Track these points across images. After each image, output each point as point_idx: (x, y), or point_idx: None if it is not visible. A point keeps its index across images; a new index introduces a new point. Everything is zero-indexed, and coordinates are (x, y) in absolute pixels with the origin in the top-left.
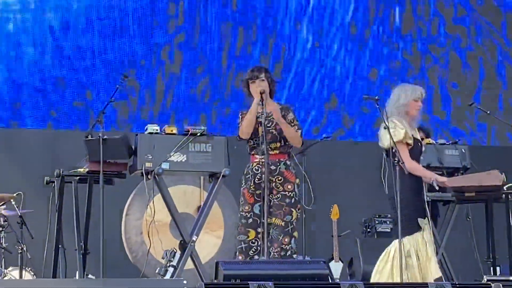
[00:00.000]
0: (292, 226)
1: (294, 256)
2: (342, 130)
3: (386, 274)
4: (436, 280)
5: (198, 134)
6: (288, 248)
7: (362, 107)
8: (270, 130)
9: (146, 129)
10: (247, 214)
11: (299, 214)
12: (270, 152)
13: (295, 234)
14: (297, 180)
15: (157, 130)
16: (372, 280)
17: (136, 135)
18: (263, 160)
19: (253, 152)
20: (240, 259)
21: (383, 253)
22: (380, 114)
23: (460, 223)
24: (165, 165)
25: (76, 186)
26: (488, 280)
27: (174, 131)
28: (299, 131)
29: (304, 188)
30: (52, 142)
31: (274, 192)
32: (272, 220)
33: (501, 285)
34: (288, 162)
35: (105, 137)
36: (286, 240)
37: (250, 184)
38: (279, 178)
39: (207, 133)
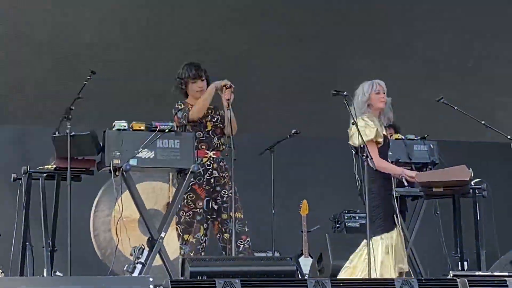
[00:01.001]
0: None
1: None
2: (311, 125)
3: (362, 272)
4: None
5: (166, 130)
6: (249, 239)
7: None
8: (219, 126)
9: (114, 125)
10: (200, 210)
11: None
12: (219, 149)
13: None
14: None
15: (124, 126)
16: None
17: (104, 131)
18: (214, 156)
19: (201, 146)
20: None
21: (359, 251)
22: (348, 110)
23: (429, 218)
24: (133, 162)
25: (43, 183)
26: (454, 275)
27: (142, 128)
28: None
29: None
30: (21, 139)
31: (227, 187)
32: (230, 214)
33: (466, 280)
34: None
35: (72, 133)
36: (247, 231)
37: (202, 180)
38: (227, 174)
39: (175, 129)
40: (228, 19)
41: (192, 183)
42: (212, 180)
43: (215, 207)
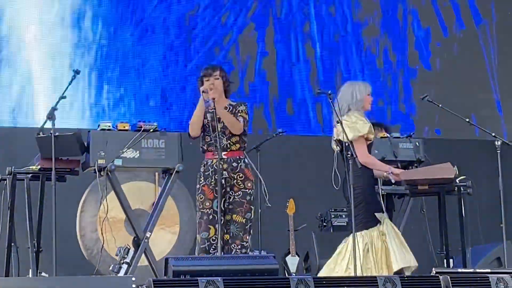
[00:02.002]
0: (251, 223)
1: (250, 253)
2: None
3: (342, 271)
4: (396, 272)
5: (151, 130)
6: (247, 245)
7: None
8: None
9: (99, 125)
10: (208, 210)
11: (254, 212)
12: (232, 149)
13: (252, 231)
14: (253, 179)
15: (109, 126)
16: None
17: (89, 131)
18: (224, 157)
19: (210, 149)
20: None
21: (338, 251)
22: (333, 108)
23: (415, 216)
24: (118, 162)
25: (28, 183)
26: (436, 273)
27: (127, 128)
28: (240, 118)
29: (260, 186)
30: (5, 139)
31: (235, 189)
32: (233, 216)
33: (449, 277)
34: (246, 160)
35: (56, 134)
36: (246, 237)
37: (210, 181)
38: (240, 175)
39: (159, 129)
40: (214, 16)
41: (202, 184)
42: (222, 181)
43: (225, 207)
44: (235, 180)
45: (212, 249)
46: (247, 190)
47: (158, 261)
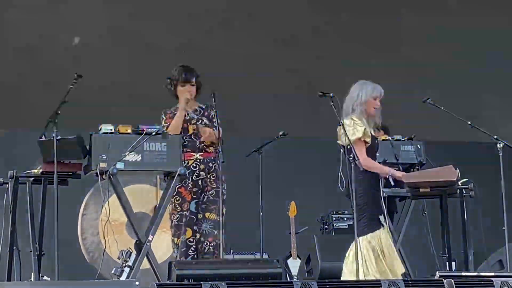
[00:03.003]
0: (223, 221)
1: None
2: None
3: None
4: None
5: (153, 133)
6: (219, 243)
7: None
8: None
9: (100, 129)
10: (186, 212)
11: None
12: (207, 150)
13: (225, 229)
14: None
15: (111, 130)
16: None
17: (91, 135)
18: (200, 158)
19: (186, 150)
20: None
21: (346, 255)
22: (335, 111)
23: (417, 219)
24: (119, 165)
25: (30, 187)
26: (440, 276)
27: (129, 131)
28: (216, 129)
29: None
30: (7, 143)
31: (208, 188)
32: (205, 215)
33: (453, 281)
34: (218, 161)
35: (59, 137)
36: (219, 234)
37: (188, 182)
38: (213, 175)
39: (162, 132)
40: (216, 21)
41: (178, 186)
42: (200, 182)
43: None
44: (209, 180)
45: (191, 251)
46: (218, 189)
47: (160, 264)
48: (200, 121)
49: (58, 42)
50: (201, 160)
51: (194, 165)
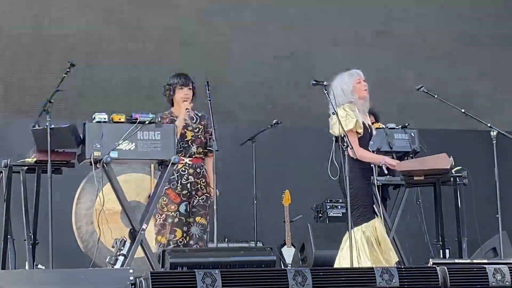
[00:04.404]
0: (208, 225)
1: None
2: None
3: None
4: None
5: (147, 122)
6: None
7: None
8: (199, 136)
9: (94, 117)
10: (173, 213)
11: None
12: (197, 156)
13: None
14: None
15: (104, 118)
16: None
17: (84, 123)
18: (190, 162)
19: (179, 154)
20: None
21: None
22: (328, 99)
23: (411, 207)
24: (113, 154)
25: (24, 176)
26: (434, 264)
27: (122, 119)
28: (213, 144)
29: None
30: (0, 132)
31: (199, 193)
32: (196, 219)
33: (446, 268)
34: (205, 167)
35: (52, 126)
36: (206, 238)
37: (176, 185)
38: (203, 181)
39: (155, 120)
40: (205, 11)
41: (166, 187)
42: (188, 185)
43: (189, 210)
44: (199, 185)
45: None
46: (209, 195)
47: (154, 253)
48: (197, 129)
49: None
50: (190, 165)
51: (183, 169)
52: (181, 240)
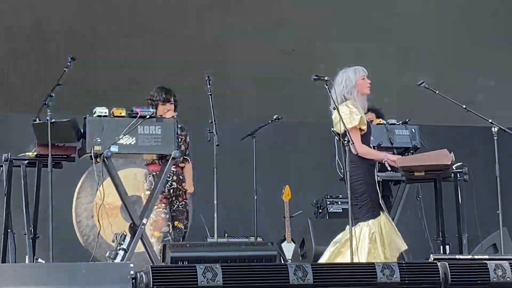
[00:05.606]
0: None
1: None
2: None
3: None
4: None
5: (147, 116)
6: None
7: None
8: (181, 146)
9: (94, 112)
10: (164, 210)
11: None
12: (180, 165)
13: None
14: None
15: (105, 113)
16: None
17: (85, 118)
18: (174, 170)
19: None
20: None
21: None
22: (330, 95)
23: (411, 203)
24: (114, 148)
25: (24, 170)
26: (435, 259)
27: (123, 114)
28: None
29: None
30: (1, 126)
31: (180, 199)
32: (175, 223)
33: (447, 263)
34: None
35: (53, 120)
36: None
37: (163, 189)
38: (184, 187)
39: (156, 115)
40: (205, 6)
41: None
42: (171, 191)
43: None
44: (180, 191)
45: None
46: (187, 201)
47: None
48: (179, 139)
49: (53, 23)
50: (174, 172)
51: (169, 175)
52: (170, 233)
